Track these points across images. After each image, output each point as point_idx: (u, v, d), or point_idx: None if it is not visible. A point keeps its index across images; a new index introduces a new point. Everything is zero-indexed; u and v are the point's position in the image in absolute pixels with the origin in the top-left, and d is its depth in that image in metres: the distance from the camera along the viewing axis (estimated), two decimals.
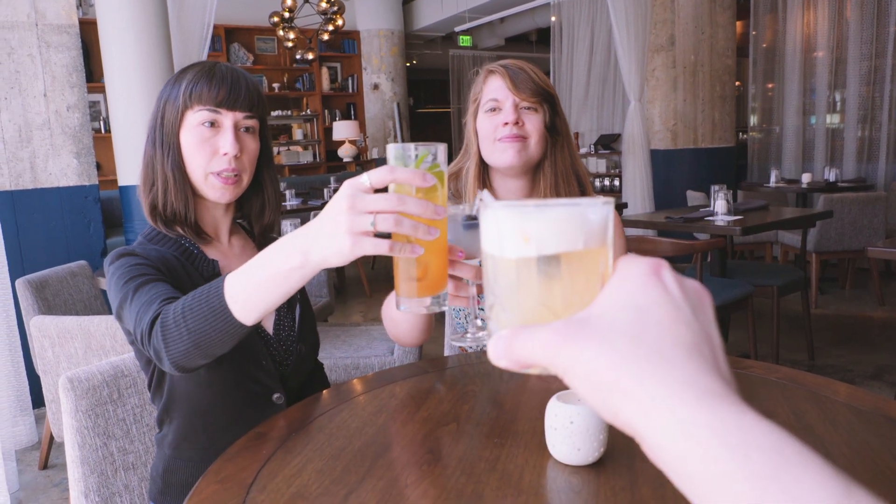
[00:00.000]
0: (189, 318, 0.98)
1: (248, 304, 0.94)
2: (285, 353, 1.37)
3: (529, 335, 0.43)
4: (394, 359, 2.72)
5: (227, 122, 1.28)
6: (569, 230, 0.46)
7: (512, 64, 1.53)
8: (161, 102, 1.31)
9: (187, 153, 1.29)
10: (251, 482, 0.93)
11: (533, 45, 13.44)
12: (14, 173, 3.59)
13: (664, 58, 6.53)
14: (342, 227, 0.80)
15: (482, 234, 0.50)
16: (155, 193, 1.31)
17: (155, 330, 1.02)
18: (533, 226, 0.46)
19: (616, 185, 7.42)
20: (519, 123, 1.49)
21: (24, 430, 3.18)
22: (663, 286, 0.43)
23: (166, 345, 1.01)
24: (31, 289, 2.65)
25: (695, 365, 0.38)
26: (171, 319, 1.01)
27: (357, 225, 0.79)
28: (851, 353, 4.05)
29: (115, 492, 1.42)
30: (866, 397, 1.12)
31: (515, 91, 1.49)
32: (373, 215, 0.79)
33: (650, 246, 3.21)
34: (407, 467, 0.95)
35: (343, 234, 0.80)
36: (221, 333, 0.97)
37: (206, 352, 1.01)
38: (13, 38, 3.55)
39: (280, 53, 10.54)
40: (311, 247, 0.85)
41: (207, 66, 1.30)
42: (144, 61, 4.08)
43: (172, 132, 1.29)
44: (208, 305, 0.97)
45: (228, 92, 1.27)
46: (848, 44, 6.53)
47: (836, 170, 5.99)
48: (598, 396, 0.40)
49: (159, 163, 1.30)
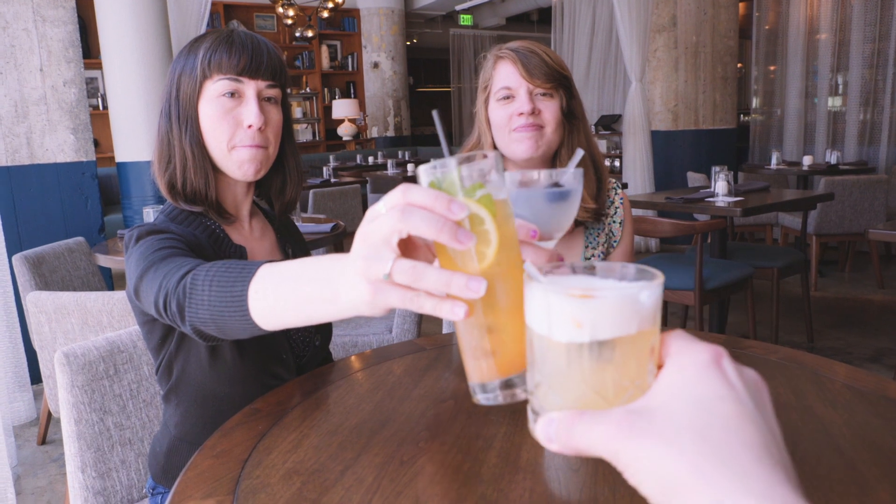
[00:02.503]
0: (214, 288, 0.89)
1: (266, 314, 0.83)
2: (303, 344, 1.36)
3: (588, 426, 0.42)
4: (392, 337, 2.72)
5: (249, 91, 1.21)
6: (623, 316, 0.44)
7: (522, 48, 1.44)
8: (175, 74, 1.24)
9: (207, 127, 1.22)
10: (246, 457, 0.92)
11: (534, 25, 13.34)
12: (10, 149, 3.57)
13: (666, 38, 6.48)
14: (359, 272, 0.64)
15: (527, 309, 0.48)
16: (172, 171, 1.24)
17: (183, 283, 0.93)
18: (586, 312, 0.44)
19: (616, 165, 7.40)
20: (535, 112, 1.42)
21: (23, 406, 3.19)
22: (725, 378, 0.42)
23: (189, 302, 0.91)
24: (27, 265, 2.65)
25: (766, 471, 0.37)
26: (200, 279, 0.91)
27: (372, 272, 0.63)
28: (850, 335, 4.05)
29: (112, 467, 1.42)
30: (866, 378, 1.12)
31: (529, 78, 1.41)
32: (390, 259, 0.61)
33: (650, 226, 3.20)
34: (404, 444, 0.94)
35: (360, 280, 0.65)
36: (235, 321, 0.87)
37: (222, 330, 0.91)
38: (8, 11, 3.51)
39: (279, 31, 10.46)
40: (341, 289, 0.70)
41: (224, 32, 1.23)
42: (142, 38, 4.04)
43: (190, 105, 1.22)
44: (231, 290, 0.86)
45: (250, 59, 1.20)
46: (851, 26, 6.48)
47: (837, 152, 5.97)
48: (661, 494, 0.39)
49: (176, 139, 1.23)
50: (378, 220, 0.61)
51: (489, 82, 1.49)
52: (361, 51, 11.01)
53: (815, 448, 0.89)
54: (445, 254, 0.60)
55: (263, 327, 0.85)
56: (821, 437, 0.92)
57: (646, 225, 3.22)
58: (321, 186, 6.06)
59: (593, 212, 1.51)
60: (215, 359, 1.21)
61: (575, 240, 1.59)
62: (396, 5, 10.77)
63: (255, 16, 10.26)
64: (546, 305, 0.46)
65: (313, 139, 10.81)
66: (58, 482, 2.70)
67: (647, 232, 3.23)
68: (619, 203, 1.62)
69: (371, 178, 7.35)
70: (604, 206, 1.55)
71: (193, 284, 0.92)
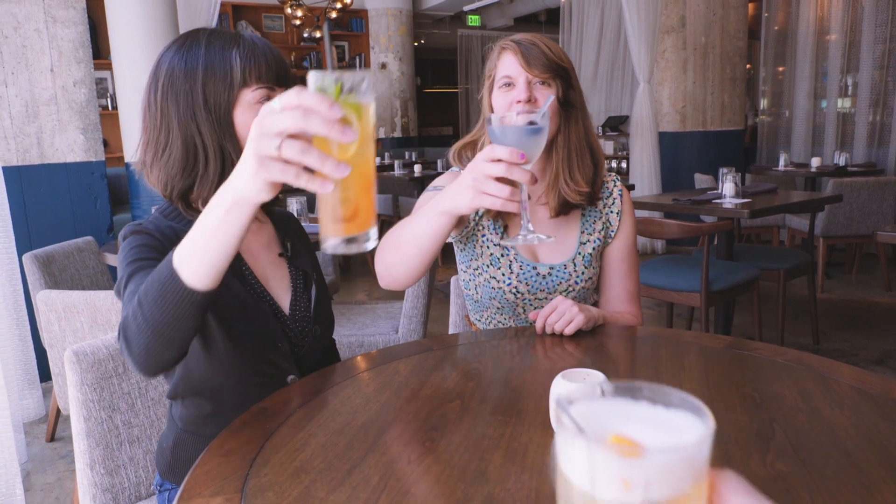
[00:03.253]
0: (144, 304, 0.94)
1: (193, 263, 0.89)
2: (301, 334, 1.35)
3: None
4: (398, 337, 2.73)
5: None
6: (679, 474, 0.41)
7: (525, 39, 1.52)
8: (197, 72, 1.18)
9: (244, 134, 1.19)
10: (254, 456, 0.93)
11: (542, 26, 13.32)
12: (21, 148, 3.59)
13: (674, 39, 6.47)
14: (249, 153, 0.78)
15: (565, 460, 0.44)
16: (195, 177, 1.21)
17: (119, 336, 0.99)
18: (637, 473, 0.40)
19: (623, 166, 7.39)
20: (531, 100, 1.49)
21: (32, 404, 3.21)
22: None
23: (128, 345, 0.97)
24: (37, 263, 2.66)
25: None
26: (129, 316, 0.96)
27: (262, 148, 0.76)
28: (856, 337, 4.04)
29: (121, 464, 1.43)
30: (873, 380, 1.12)
31: (528, 68, 1.48)
32: (279, 139, 0.75)
33: (657, 228, 3.19)
34: (410, 444, 0.95)
35: (251, 160, 0.78)
36: (175, 307, 0.92)
37: (167, 337, 0.95)
38: (20, 12, 3.53)
39: (287, 31, 10.48)
40: (232, 182, 0.83)
41: (245, 39, 1.21)
42: (151, 38, 4.06)
43: (226, 111, 1.19)
44: (159, 280, 0.92)
45: (282, 69, 1.22)
46: (862, 27, 6.45)
47: (846, 154, 5.95)
48: None
49: (211, 144, 1.19)
50: (276, 115, 0.75)
51: (493, 71, 1.56)
52: (369, 51, 11.02)
53: (821, 449, 0.89)
54: (322, 143, 0.76)
55: (200, 287, 0.90)
56: (827, 439, 0.92)
57: (652, 226, 3.22)
58: None
59: (586, 195, 1.56)
60: (209, 351, 1.21)
61: (571, 223, 1.63)
62: (404, 6, 10.77)
63: (264, 16, 10.28)
64: (590, 462, 0.41)
65: None
66: (66, 479, 2.72)
67: (653, 233, 3.23)
68: (616, 194, 1.66)
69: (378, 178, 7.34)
70: (598, 191, 1.60)
71: (126, 327, 0.97)
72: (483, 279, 1.61)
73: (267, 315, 1.28)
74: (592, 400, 0.47)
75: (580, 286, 1.60)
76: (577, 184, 1.53)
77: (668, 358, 1.29)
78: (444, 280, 1.72)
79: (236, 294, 1.24)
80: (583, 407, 0.46)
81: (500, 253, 1.60)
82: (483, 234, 1.61)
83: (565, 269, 1.59)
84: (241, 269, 1.30)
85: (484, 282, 1.61)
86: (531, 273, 1.59)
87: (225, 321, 1.21)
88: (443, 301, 4.62)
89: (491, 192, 1.09)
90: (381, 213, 7.48)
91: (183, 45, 1.22)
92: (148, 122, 1.23)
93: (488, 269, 1.60)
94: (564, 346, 1.38)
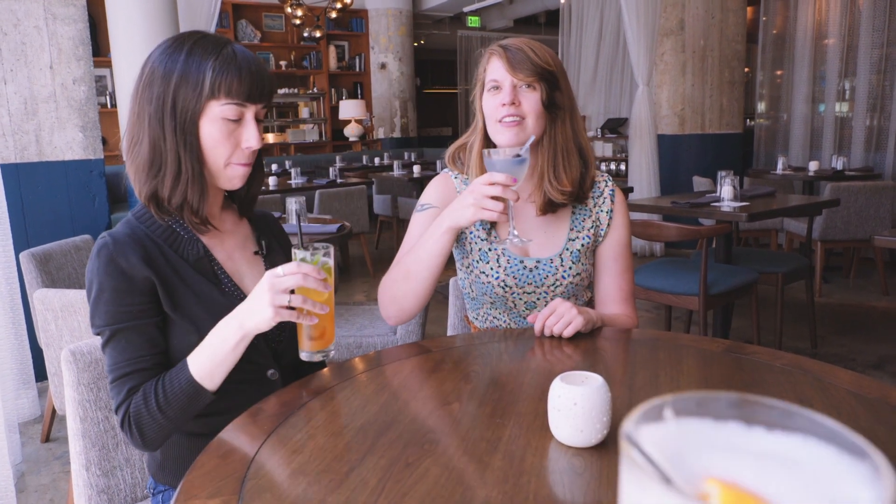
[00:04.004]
0: (168, 411, 1.17)
1: (214, 377, 1.18)
2: (278, 329, 1.34)
3: None
4: (396, 338, 2.73)
5: (249, 115, 1.24)
6: None
7: (513, 45, 1.57)
8: (172, 78, 1.20)
9: (208, 145, 1.23)
10: (252, 458, 0.93)
11: (542, 27, 13.33)
12: (19, 146, 3.58)
13: (673, 42, 6.47)
14: (266, 302, 1.11)
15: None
16: (160, 180, 1.24)
17: (130, 429, 1.18)
18: None
19: (622, 169, 7.39)
20: (515, 104, 1.54)
21: (27, 403, 3.20)
22: None
23: (142, 436, 1.18)
24: (34, 262, 2.65)
25: None
26: (146, 418, 1.17)
27: (277, 300, 1.11)
28: (854, 342, 4.04)
29: (116, 465, 1.43)
30: (870, 385, 1.12)
31: (512, 72, 1.54)
32: (287, 293, 1.11)
33: (655, 230, 3.20)
34: (408, 446, 0.94)
35: (267, 308, 1.11)
36: (197, 406, 1.19)
37: (182, 426, 1.23)
38: (19, 8, 3.52)
39: (287, 31, 10.48)
40: (245, 321, 1.14)
41: (227, 51, 1.21)
42: (151, 36, 4.05)
43: (191, 120, 1.21)
44: (185, 395, 1.17)
45: (255, 86, 1.22)
46: (859, 31, 6.46)
47: (843, 158, 5.95)
48: None
49: (171, 151, 1.22)
50: (283, 277, 1.11)
51: (483, 75, 1.63)
52: (369, 51, 11.02)
53: None
54: (308, 292, 1.14)
55: (216, 388, 1.20)
56: None
57: (651, 229, 3.22)
58: (327, 187, 6.07)
59: (570, 195, 1.60)
60: (186, 353, 1.21)
61: (561, 220, 1.66)
62: (404, 6, 10.78)
63: (264, 15, 10.28)
64: None
65: (320, 139, 10.82)
66: (61, 480, 2.71)
67: (652, 236, 3.23)
68: (608, 193, 1.69)
69: (377, 178, 7.36)
70: (586, 191, 1.65)
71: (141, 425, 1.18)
72: (475, 275, 1.66)
73: None
74: (665, 422, 0.35)
75: (567, 281, 1.63)
76: (560, 184, 1.59)
77: (666, 361, 1.29)
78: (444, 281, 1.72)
79: (208, 298, 1.26)
80: (655, 433, 0.34)
81: (488, 247, 1.64)
82: (471, 230, 1.66)
83: (552, 264, 1.62)
84: (214, 270, 1.31)
85: (475, 278, 1.66)
86: (518, 267, 1.62)
87: (200, 327, 1.23)
88: (441, 302, 4.62)
89: (489, 207, 1.36)
90: (381, 213, 7.51)
91: (169, 46, 1.24)
92: (130, 113, 1.27)
93: (478, 265, 1.64)
94: (563, 348, 1.38)
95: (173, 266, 1.26)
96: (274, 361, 1.34)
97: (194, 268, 1.27)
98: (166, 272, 1.24)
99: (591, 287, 1.73)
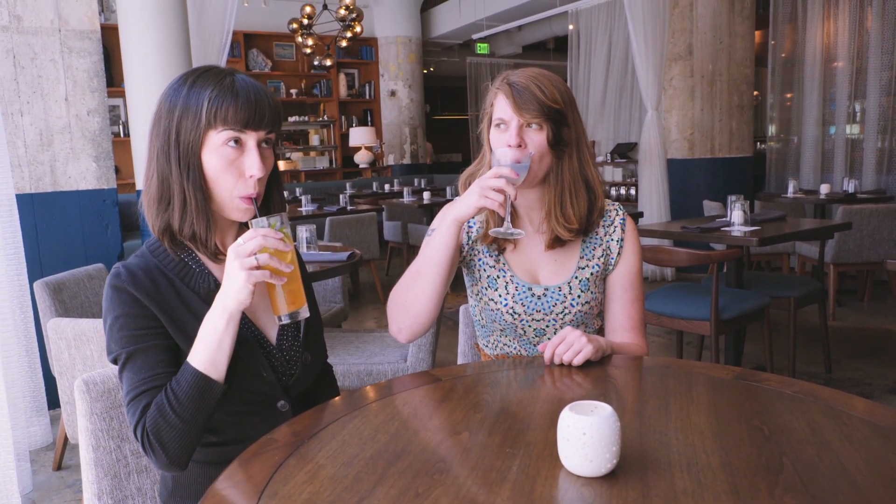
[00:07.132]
0: (182, 412, 1.16)
1: (216, 364, 1.18)
2: (288, 362, 1.35)
3: None
4: (407, 366, 2.73)
5: (251, 142, 1.24)
6: None
7: (519, 82, 1.55)
8: (175, 111, 1.23)
9: (212, 175, 1.24)
10: (263, 487, 0.93)
11: (550, 53, 13.44)
12: (34, 176, 3.63)
13: (682, 67, 6.51)
14: (235, 268, 1.14)
15: None
16: (170, 214, 1.25)
17: (151, 446, 1.17)
18: None
19: (632, 193, 7.39)
20: (521, 145, 1.53)
21: (39, 431, 3.21)
22: None
23: (164, 449, 1.16)
24: (48, 291, 2.68)
25: None
26: (163, 426, 1.16)
27: (245, 263, 1.14)
28: (869, 366, 4.00)
29: (128, 494, 1.43)
30: (884, 413, 1.11)
31: (518, 112, 1.53)
32: (254, 255, 1.14)
33: (666, 256, 3.19)
34: (419, 476, 0.94)
35: (239, 273, 1.14)
36: (211, 401, 1.18)
37: (203, 426, 1.19)
38: (36, 43, 3.59)
39: (298, 59, 10.61)
40: (227, 301, 1.17)
41: (227, 81, 1.23)
42: (164, 67, 4.12)
43: (193, 152, 1.22)
44: (195, 389, 1.17)
45: (254, 113, 1.22)
46: (868, 54, 6.47)
47: (855, 181, 5.93)
48: None
49: (177, 183, 1.24)
50: (245, 244, 1.15)
51: (490, 110, 1.62)
52: (379, 79, 11.13)
53: (831, 485, 0.89)
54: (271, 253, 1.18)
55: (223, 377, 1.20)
56: (837, 474, 0.91)
57: (662, 254, 3.21)
58: (337, 214, 6.10)
59: (576, 231, 1.61)
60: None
61: (572, 248, 1.66)
62: (414, 34, 10.90)
63: (275, 45, 10.42)
64: None
65: (330, 167, 10.90)
66: None
67: (662, 261, 3.23)
68: (618, 223, 1.69)
69: (387, 205, 7.39)
70: (594, 223, 1.66)
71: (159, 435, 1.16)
72: (484, 302, 1.66)
73: (251, 346, 1.29)
74: None
75: (576, 309, 1.62)
76: (567, 221, 1.59)
77: (676, 389, 1.29)
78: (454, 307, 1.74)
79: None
80: None
81: (497, 275, 1.64)
82: (479, 257, 1.67)
83: (560, 292, 1.62)
84: None
85: (485, 304, 1.66)
86: (527, 294, 1.62)
87: None
88: (452, 329, 4.61)
89: (491, 196, 1.42)
90: (391, 239, 7.53)
91: (176, 81, 1.26)
92: (147, 150, 1.30)
93: (487, 292, 1.65)
94: (573, 376, 1.38)
95: (184, 300, 1.27)
96: (284, 393, 1.34)
97: (205, 301, 1.26)
98: (175, 306, 1.25)
99: (601, 315, 1.73)
